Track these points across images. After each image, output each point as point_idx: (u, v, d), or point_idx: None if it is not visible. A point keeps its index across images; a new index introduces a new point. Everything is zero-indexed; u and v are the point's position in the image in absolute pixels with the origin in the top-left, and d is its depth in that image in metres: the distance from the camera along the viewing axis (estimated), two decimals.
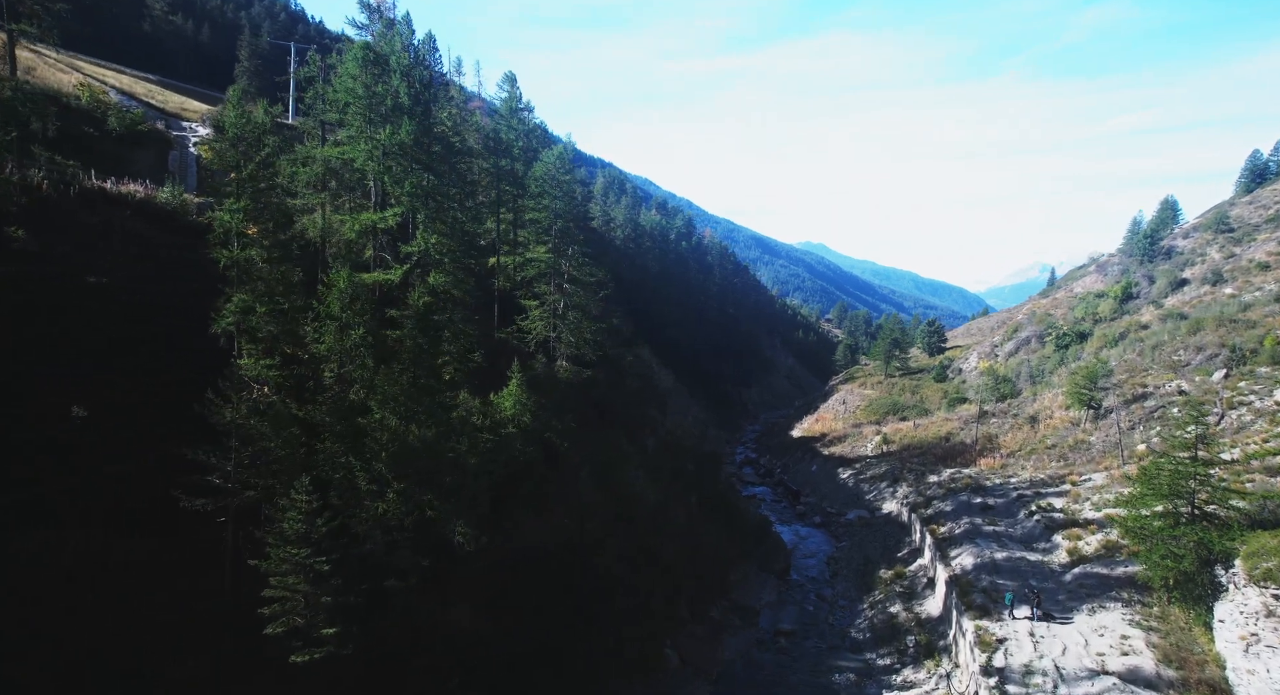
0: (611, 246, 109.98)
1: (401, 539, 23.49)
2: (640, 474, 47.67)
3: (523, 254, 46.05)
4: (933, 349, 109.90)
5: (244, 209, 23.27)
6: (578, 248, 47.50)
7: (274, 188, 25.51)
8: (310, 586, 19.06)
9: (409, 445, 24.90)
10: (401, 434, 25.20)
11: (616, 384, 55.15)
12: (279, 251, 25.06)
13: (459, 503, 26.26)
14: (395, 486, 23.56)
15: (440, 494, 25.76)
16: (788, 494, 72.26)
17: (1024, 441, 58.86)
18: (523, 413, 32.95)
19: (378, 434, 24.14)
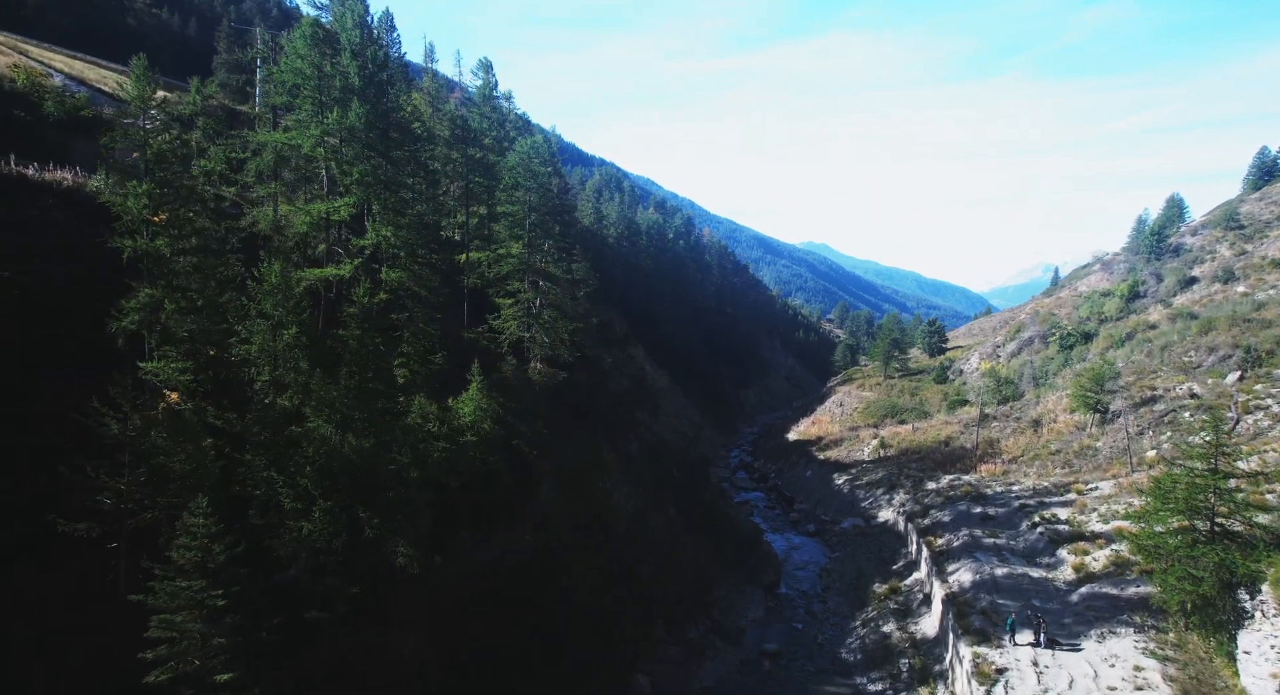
0: (604, 245, 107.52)
1: (329, 563, 20.97)
2: (620, 482, 45.17)
3: (495, 249, 43.54)
4: (933, 349, 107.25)
5: (148, 193, 20.72)
6: (554, 242, 45.03)
7: (187, 171, 23.01)
8: (204, 624, 16.55)
9: (342, 457, 22.41)
10: (334, 444, 22.72)
11: (598, 386, 52.65)
12: (196, 241, 22.55)
13: (402, 520, 23.76)
14: (322, 504, 21.06)
15: (380, 511, 23.27)
16: (781, 500, 69.70)
17: (1027, 446, 56.25)
18: (483, 419, 30.44)
19: (304, 445, 21.63)
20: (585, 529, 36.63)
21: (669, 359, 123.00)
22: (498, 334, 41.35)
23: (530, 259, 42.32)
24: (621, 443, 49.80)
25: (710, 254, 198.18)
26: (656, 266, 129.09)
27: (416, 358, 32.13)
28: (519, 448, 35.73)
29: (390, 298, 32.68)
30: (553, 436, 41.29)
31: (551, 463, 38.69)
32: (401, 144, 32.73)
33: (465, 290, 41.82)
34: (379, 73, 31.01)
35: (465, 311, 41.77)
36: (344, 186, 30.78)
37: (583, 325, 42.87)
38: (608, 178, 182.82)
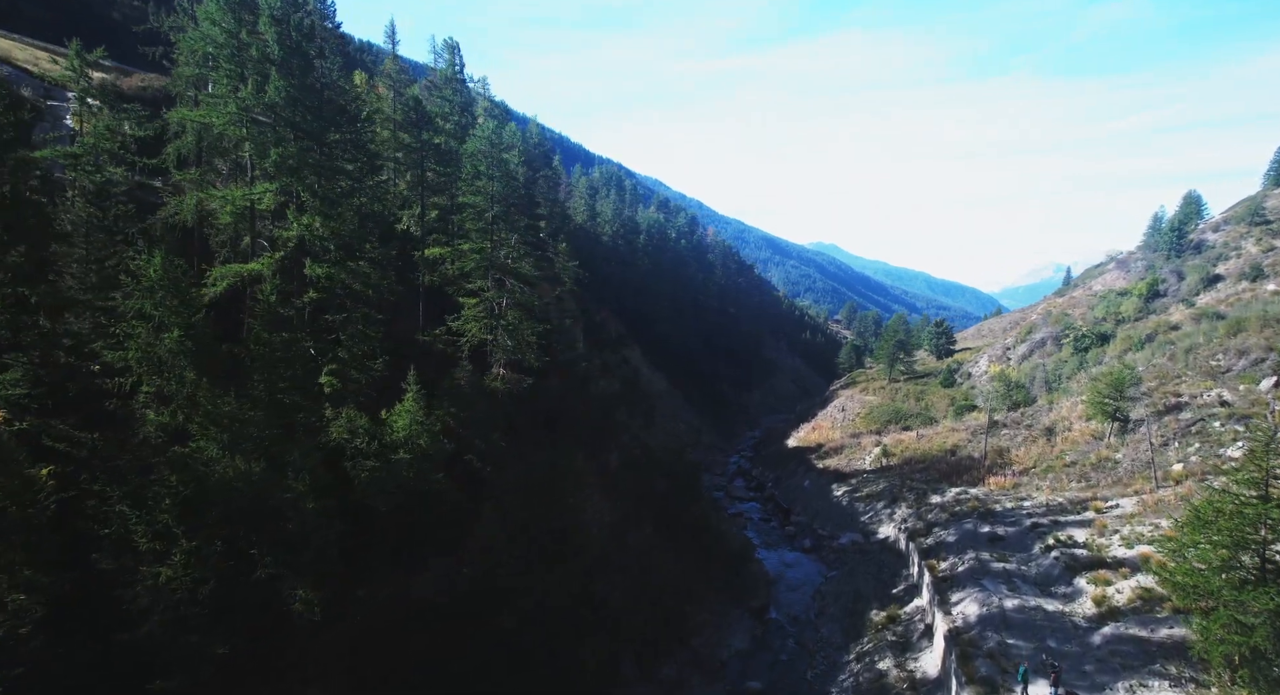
0: (598, 243, 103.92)
1: (193, 615, 17.34)
2: (595, 497, 41.46)
3: (458, 245, 39.86)
4: (940, 351, 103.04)
5: None
6: (521, 237, 41.37)
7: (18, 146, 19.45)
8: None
9: (223, 484, 18.80)
10: (217, 469, 19.11)
11: (576, 392, 48.96)
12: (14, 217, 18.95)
13: (308, 556, 20.13)
14: (185, 544, 17.43)
15: (274, 547, 19.66)
16: (778, 511, 65.80)
17: (1039, 457, 52.19)
18: (419, 434, 26.77)
19: (166, 471, 18.00)
20: (547, 552, 32.92)
21: (667, 361, 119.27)
22: (458, 337, 37.71)
23: (494, 255, 38.64)
24: (600, 453, 46.07)
25: (713, 253, 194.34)
26: (655, 266, 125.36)
27: (354, 364, 28.62)
28: (471, 463, 32.14)
29: (324, 297, 29.14)
30: (518, 449, 37.73)
31: (512, 479, 35.04)
32: (338, 125, 29.15)
33: (421, 289, 38.17)
34: (305, 43, 27.45)
35: (421, 312, 38.12)
36: (263, 170, 27.19)
37: (550, 326, 39.09)
38: (608, 176, 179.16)
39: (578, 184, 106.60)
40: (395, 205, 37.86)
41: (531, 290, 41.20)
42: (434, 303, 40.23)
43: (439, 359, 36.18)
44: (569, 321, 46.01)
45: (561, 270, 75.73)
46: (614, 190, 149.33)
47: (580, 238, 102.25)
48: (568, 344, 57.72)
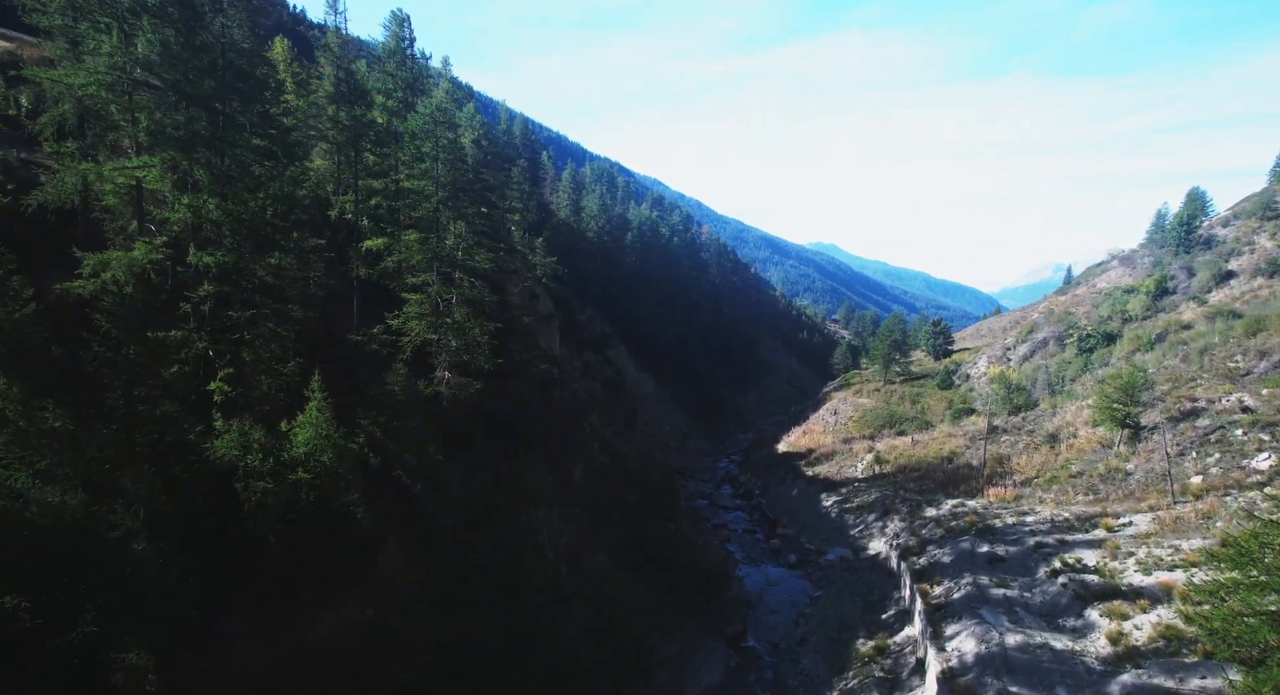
0: (582, 239, 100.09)
1: None
2: (554, 515, 37.61)
3: (405, 234, 35.94)
4: (938, 352, 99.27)
5: None
6: (471, 227, 37.47)
7: None
8: None
9: (20, 522, 14.94)
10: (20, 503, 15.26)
11: (538, 398, 45.15)
12: None
13: (135, 611, 16.28)
14: None
15: (98, 600, 15.82)
16: (764, 522, 61.96)
17: (1042, 466, 48.37)
18: (323, 448, 22.90)
19: None
20: (488, 583, 29.06)
21: (657, 362, 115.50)
22: (399, 336, 33.80)
23: (439, 246, 34.73)
24: (564, 464, 42.20)
25: (707, 252, 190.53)
26: (643, 264, 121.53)
27: (261, 368, 24.82)
28: (401, 481, 28.29)
29: (225, 290, 25.32)
30: (464, 463, 33.94)
31: (453, 497, 31.23)
32: (243, 94, 25.28)
33: (355, 282, 34.24)
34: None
35: (356, 309, 34.19)
36: (135, 138, 23.33)
37: (499, 326, 35.11)
38: (599, 172, 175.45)
39: (563, 177, 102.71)
40: (329, 190, 33.99)
41: (483, 285, 37.35)
42: (376, 298, 36.38)
43: (375, 361, 32.32)
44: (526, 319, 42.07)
45: (538, 266, 71.96)
46: (603, 186, 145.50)
47: (565, 234, 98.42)
48: (541, 344, 53.92)
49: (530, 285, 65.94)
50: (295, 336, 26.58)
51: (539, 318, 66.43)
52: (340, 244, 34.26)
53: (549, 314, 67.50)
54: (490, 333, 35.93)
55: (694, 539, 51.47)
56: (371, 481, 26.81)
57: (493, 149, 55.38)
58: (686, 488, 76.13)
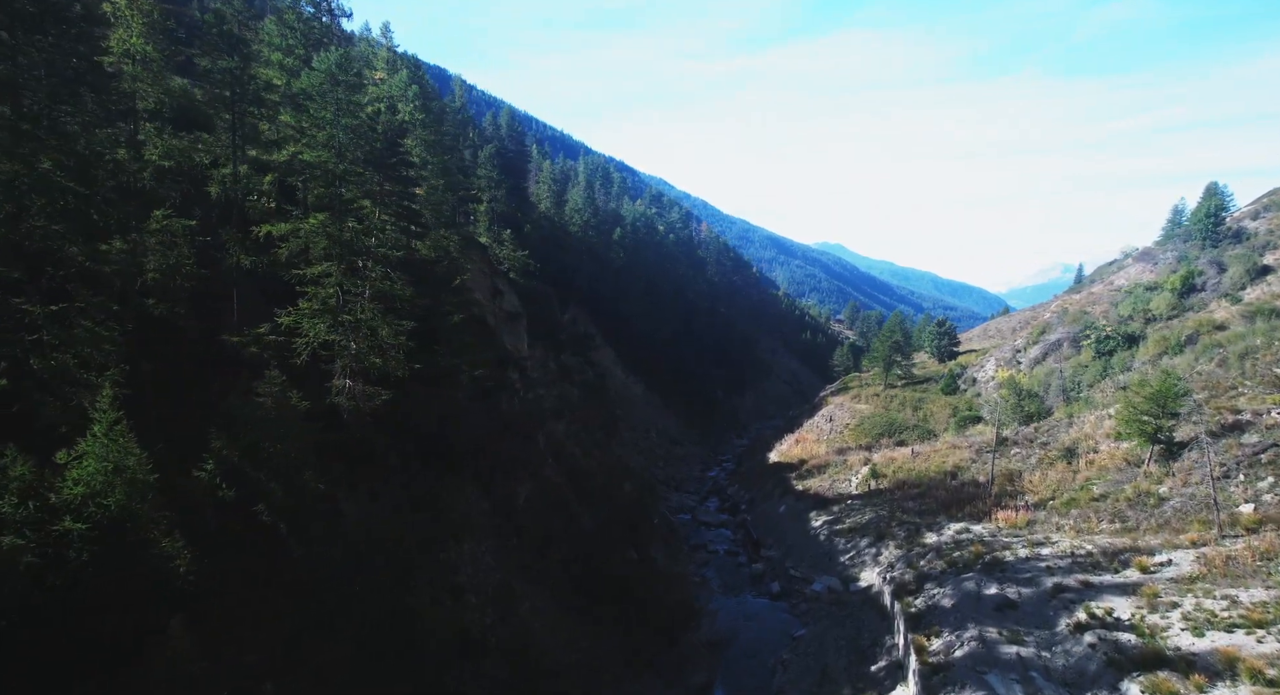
0: (565, 234, 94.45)
1: None
2: (485, 549, 31.93)
3: (298, 218, 30.22)
4: (942, 353, 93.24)
5: None
6: (386, 209, 31.82)
7: None
8: None
9: None
10: None
11: (486, 408, 39.56)
12: None
13: None
14: None
15: None
16: (748, 542, 56.17)
17: (1058, 485, 42.48)
18: (109, 488, 17.25)
19: None
20: (375, 639, 23.36)
21: (646, 364, 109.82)
22: (292, 337, 28.12)
23: (336, 230, 29.01)
24: (505, 486, 36.50)
25: (706, 250, 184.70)
26: (633, 261, 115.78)
27: (65, 376, 19.32)
28: (260, 518, 22.63)
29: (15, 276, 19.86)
30: (366, 489, 28.34)
31: (342, 533, 25.60)
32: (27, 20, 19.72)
33: (236, 273, 28.51)
34: None
35: (236, 305, 28.48)
36: None
37: (409, 326, 29.25)
38: (593, 166, 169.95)
39: (544, 169, 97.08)
40: (207, 162, 28.36)
41: (399, 278, 31.62)
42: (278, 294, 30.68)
43: (247, 367, 26.68)
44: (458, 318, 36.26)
45: (506, 260, 66.42)
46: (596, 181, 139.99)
47: (545, 228, 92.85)
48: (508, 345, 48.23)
49: (494, 281, 60.41)
50: (129, 338, 21.11)
51: (503, 316, 60.83)
52: (214, 225, 28.54)
53: (515, 313, 61.89)
54: (406, 332, 30.23)
55: (665, 565, 45.79)
56: (225, 520, 21.32)
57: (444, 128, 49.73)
58: (669, 501, 70.48)
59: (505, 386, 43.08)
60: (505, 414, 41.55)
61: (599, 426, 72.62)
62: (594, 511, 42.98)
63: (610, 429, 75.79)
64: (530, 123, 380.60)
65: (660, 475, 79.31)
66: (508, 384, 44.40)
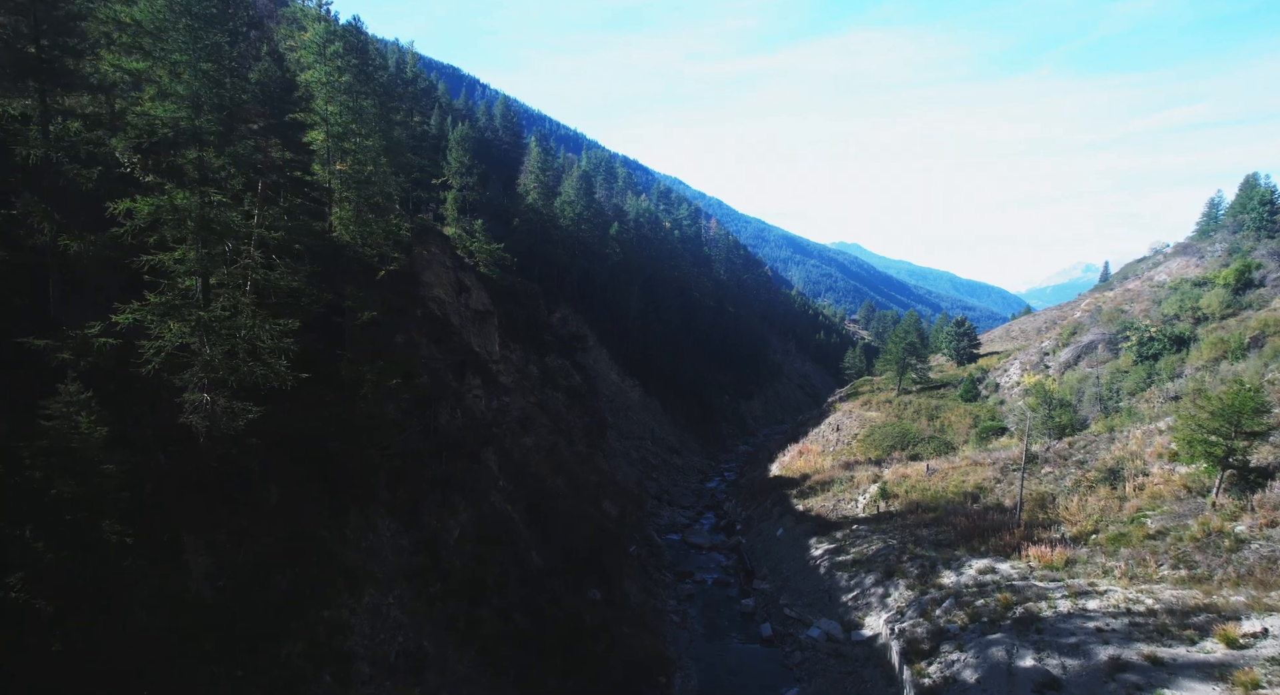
0: (554, 227, 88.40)
1: None
2: (392, 600, 25.79)
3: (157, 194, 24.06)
4: (961, 356, 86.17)
5: None
6: (263, 176, 25.66)
7: None
8: None
9: None
10: None
11: (420, 422, 33.48)
12: None
13: None
14: None
15: None
16: (740, 571, 49.72)
17: (1102, 515, 35.72)
18: None
19: None
20: None
21: (644, 366, 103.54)
22: (140, 340, 22.06)
23: (201, 209, 22.85)
24: (432, 518, 30.34)
25: (714, 247, 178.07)
26: (631, 258, 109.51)
27: None
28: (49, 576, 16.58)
29: None
30: (227, 530, 22.34)
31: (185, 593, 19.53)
32: None
33: (49, 254, 22.32)
34: None
35: (52, 296, 22.38)
36: None
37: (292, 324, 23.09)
38: (597, 161, 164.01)
39: (531, 156, 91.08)
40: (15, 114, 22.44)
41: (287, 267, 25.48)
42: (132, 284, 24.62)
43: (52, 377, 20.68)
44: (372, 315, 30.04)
45: (476, 253, 60.43)
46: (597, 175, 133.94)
47: (533, 221, 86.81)
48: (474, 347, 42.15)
49: (460, 275, 54.45)
50: None
51: (469, 315, 54.78)
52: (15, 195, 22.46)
53: (484, 311, 55.84)
54: (293, 333, 24.08)
55: (639, 602, 39.52)
56: None
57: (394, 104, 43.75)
58: (659, 518, 64.17)
59: (448, 396, 36.96)
60: (447, 429, 35.44)
61: (582, 437, 66.49)
62: (554, 543, 36.78)
63: (596, 439, 69.62)
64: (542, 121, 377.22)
65: (653, 488, 73.02)
66: (453, 394, 38.31)
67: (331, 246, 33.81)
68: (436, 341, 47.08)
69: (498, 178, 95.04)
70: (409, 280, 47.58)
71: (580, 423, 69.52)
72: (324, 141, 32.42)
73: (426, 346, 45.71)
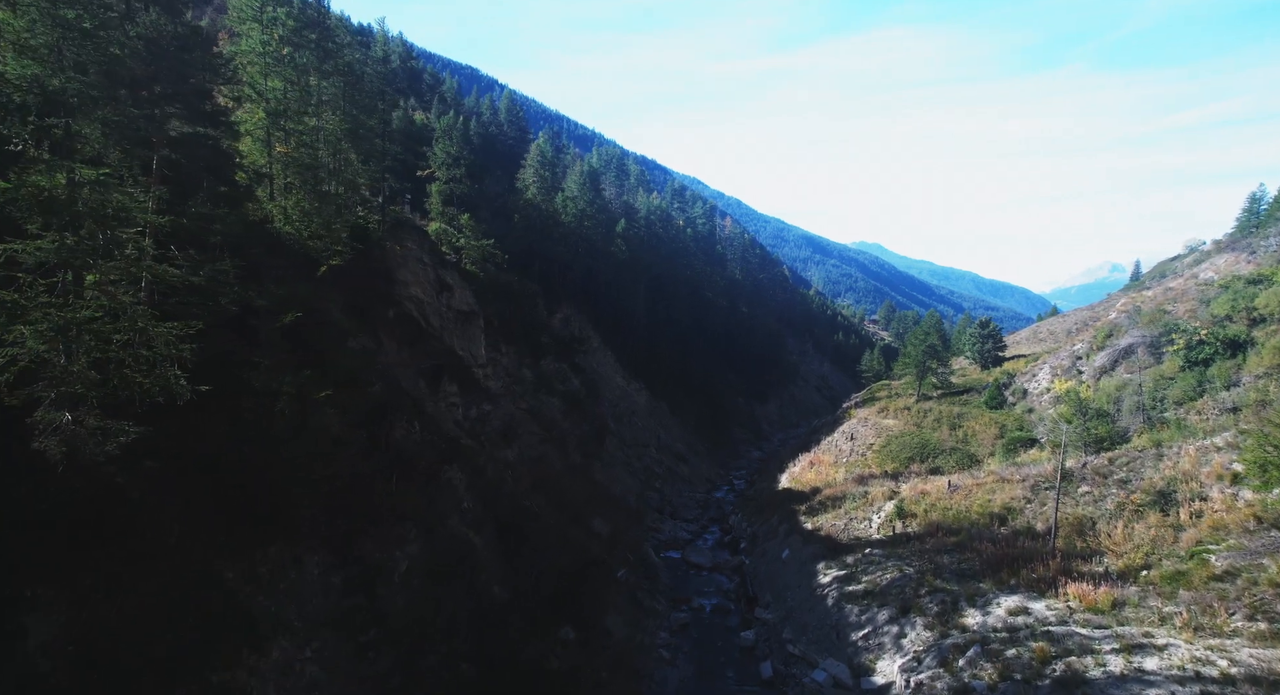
0: (555, 223, 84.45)
1: None
2: (309, 654, 21.80)
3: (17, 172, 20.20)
4: (986, 359, 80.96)
5: None
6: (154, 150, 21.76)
7: None
8: None
9: None
10: None
11: (370, 439, 29.55)
12: None
13: None
14: None
15: None
16: (741, 596, 45.41)
17: (1153, 547, 30.97)
18: None
19: None
20: None
21: (652, 368, 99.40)
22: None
23: (54, 183, 18.96)
24: (372, 554, 26.29)
25: (728, 245, 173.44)
26: (644, 257, 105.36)
27: None
28: None
29: None
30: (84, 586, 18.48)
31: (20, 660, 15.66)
32: None
33: None
34: None
35: None
36: None
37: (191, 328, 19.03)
38: (608, 157, 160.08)
39: (531, 150, 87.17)
40: None
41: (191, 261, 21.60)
42: None
43: None
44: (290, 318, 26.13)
45: (464, 249, 56.61)
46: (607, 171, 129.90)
47: (534, 218, 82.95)
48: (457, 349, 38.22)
49: (440, 273, 50.70)
50: None
51: (451, 316, 50.97)
52: None
53: (468, 311, 52.02)
54: (187, 338, 20.15)
55: (623, 638, 35.31)
56: None
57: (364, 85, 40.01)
58: (659, 533, 59.91)
59: (405, 407, 32.96)
60: (403, 444, 31.44)
61: (578, 446, 62.44)
62: (524, 573, 32.68)
63: (594, 447, 65.55)
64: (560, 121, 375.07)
65: (655, 500, 68.80)
66: (413, 404, 34.31)
67: (270, 239, 30.02)
68: (409, 345, 43.20)
69: (502, 173, 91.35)
70: (381, 278, 43.78)
71: (577, 430, 65.50)
72: (260, 120, 28.57)
73: (397, 351, 41.82)
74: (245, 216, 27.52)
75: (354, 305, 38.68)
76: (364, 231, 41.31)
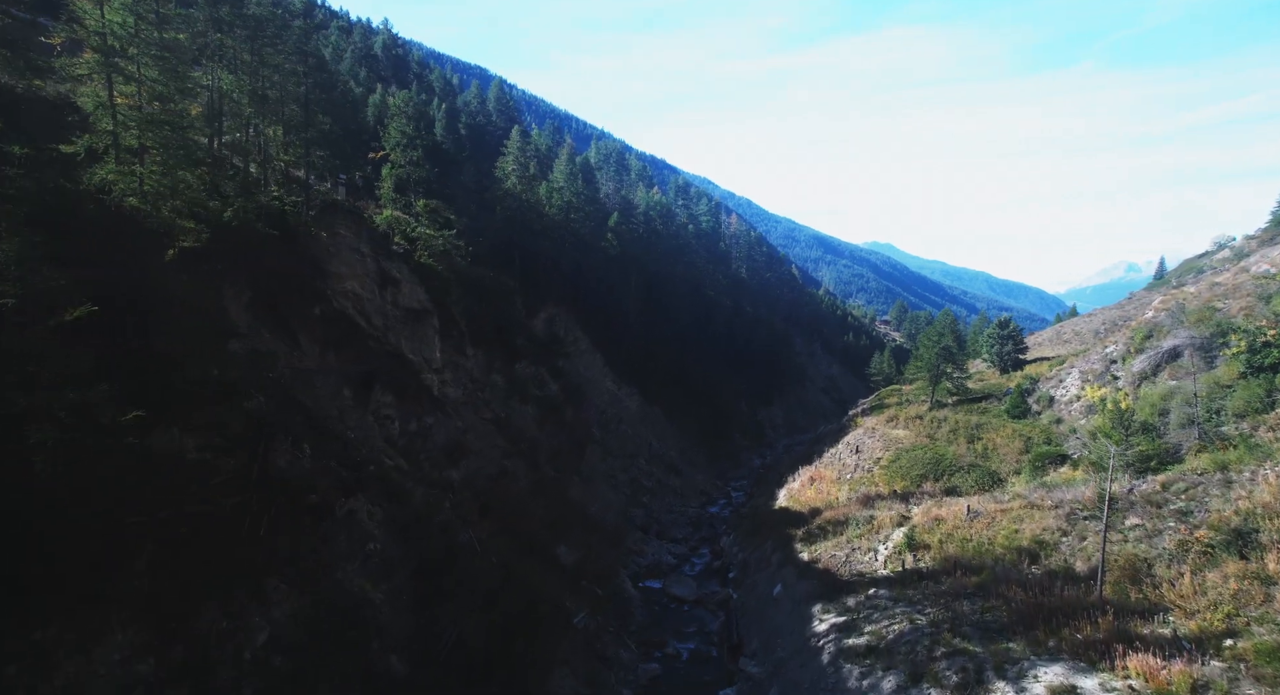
0: (539, 216, 78.30)
1: None
2: None
3: None
4: (1005, 362, 74.05)
5: None
6: None
7: None
8: None
9: None
10: None
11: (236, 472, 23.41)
12: None
13: None
14: None
15: None
16: (725, 639, 39.07)
17: (1236, 602, 24.39)
18: None
19: None
20: None
21: (645, 371, 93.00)
22: None
23: None
24: (227, 622, 20.18)
25: (734, 243, 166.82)
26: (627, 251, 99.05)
27: None
28: None
29: None
30: None
31: None
32: None
33: None
34: None
35: None
36: None
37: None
38: (608, 151, 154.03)
39: (511, 138, 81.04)
40: None
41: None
42: None
43: None
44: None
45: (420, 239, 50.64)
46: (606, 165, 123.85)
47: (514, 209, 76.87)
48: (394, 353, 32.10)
49: (384, 265, 44.73)
50: None
51: (397, 314, 45.01)
52: None
53: (419, 309, 46.00)
54: None
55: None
56: None
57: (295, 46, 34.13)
58: (641, 556, 53.62)
59: (294, 426, 26.81)
60: (288, 473, 25.31)
61: (551, 459, 56.24)
62: (441, 631, 26.46)
63: (571, 461, 59.34)
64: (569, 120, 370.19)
65: (640, 518, 62.51)
66: (304, 421, 28.17)
67: (113, 216, 23.92)
68: (336, 347, 37.12)
69: (490, 165, 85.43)
70: (307, 269, 37.72)
71: (552, 441, 59.31)
72: (90, 58, 22.56)
73: (319, 354, 35.75)
74: (65, 186, 21.45)
75: (262, 301, 32.66)
76: (280, 215, 35.32)
